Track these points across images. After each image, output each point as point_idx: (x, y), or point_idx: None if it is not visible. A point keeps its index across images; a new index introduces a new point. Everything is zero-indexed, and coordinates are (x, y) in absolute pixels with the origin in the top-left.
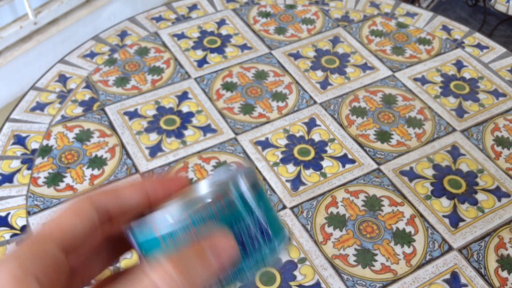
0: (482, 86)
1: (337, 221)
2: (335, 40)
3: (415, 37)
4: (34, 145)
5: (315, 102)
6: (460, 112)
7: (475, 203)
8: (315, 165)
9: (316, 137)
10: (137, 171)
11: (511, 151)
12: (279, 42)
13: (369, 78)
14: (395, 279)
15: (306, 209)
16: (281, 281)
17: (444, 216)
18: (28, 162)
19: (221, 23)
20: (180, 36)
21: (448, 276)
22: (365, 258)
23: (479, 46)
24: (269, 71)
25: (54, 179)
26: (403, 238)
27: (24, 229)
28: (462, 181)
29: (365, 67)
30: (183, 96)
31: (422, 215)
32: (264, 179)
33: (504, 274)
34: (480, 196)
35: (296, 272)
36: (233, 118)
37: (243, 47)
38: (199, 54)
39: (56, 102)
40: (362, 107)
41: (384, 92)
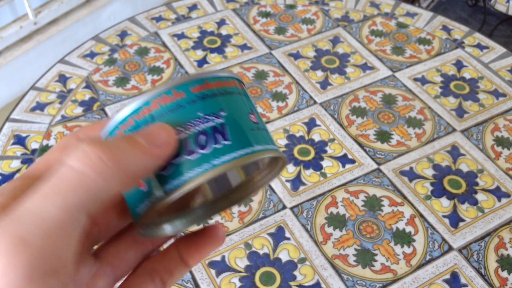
0: (482, 86)
1: (337, 221)
2: (335, 40)
3: (415, 37)
4: (34, 145)
5: (315, 102)
6: (460, 112)
7: (475, 203)
8: (315, 165)
9: (316, 137)
10: None
11: (511, 151)
12: (279, 42)
13: (369, 78)
14: (395, 279)
15: (306, 209)
16: (281, 281)
17: (444, 216)
18: (28, 162)
19: (221, 23)
20: (180, 36)
21: (448, 276)
22: (365, 258)
23: (479, 46)
24: (269, 71)
25: None
26: (403, 238)
27: None
28: (462, 181)
29: (365, 67)
30: None
31: (422, 215)
32: None
33: (504, 274)
34: (480, 196)
35: (296, 272)
36: None
37: (243, 47)
38: (199, 54)
39: (56, 102)
40: (362, 107)
41: (384, 92)
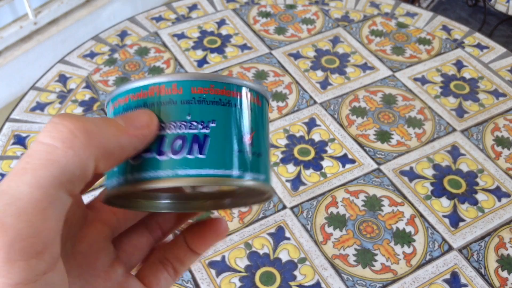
0: (482, 86)
1: (337, 221)
2: (335, 40)
3: (415, 37)
4: None
5: (315, 102)
6: (460, 112)
7: (475, 203)
8: (315, 165)
9: (316, 137)
10: None
11: (511, 151)
12: (279, 42)
13: (369, 78)
14: (395, 279)
15: (306, 209)
16: (281, 281)
17: (444, 216)
18: None
19: (221, 23)
20: (180, 36)
21: (448, 276)
22: (365, 258)
23: (479, 46)
24: (269, 71)
25: None
26: (403, 238)
27: None
28: (462, 181)
29: (365, 67)
30: None
31: (422, 215)
32: None
33: (504, 274)
34: (480, 196)
35: (296, 272)
36: None
37: (243, 47)
38: (199, 54)
39: (56, 102)
40: (362, 107)
41: (384, 92)
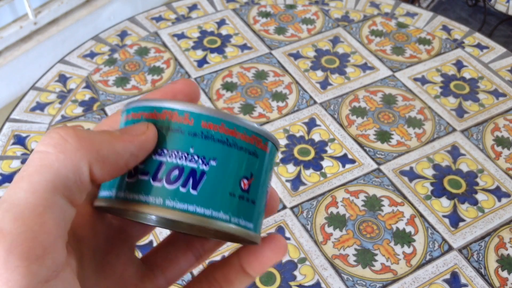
0: (482, 86)
1: (337, 221)
2: (335, 40)
3: (415, 37)
4: (34, 145)
5: (315, 102)
6: (460, 112)
7: (475, 203)
8: (315, 165)
9: (316, 137)
10: None
11: (511, 151)
12: (279, 42)
13: (369, 78)
14: (395, 279)
15: (306, 209)
16: (281, 281)
17: (444, 216)
18: None
19: (221, 23)
20: (180, 36)
21: (448, 276)
22: (365, 258)
23: (479, 46)
24: (269, 71)
25: None
26: (403, 238)
27: None
28: (462, 181)
29: (365, 67)
30: None
31: (422, 215)
32: None
33: (504, 274)
34: (480, 196)
35: (296, 272)
36: None
37: (243, 47)
38: (199, 54)
39: (56, 102)
40: (362, 107)
41: (384, 92)
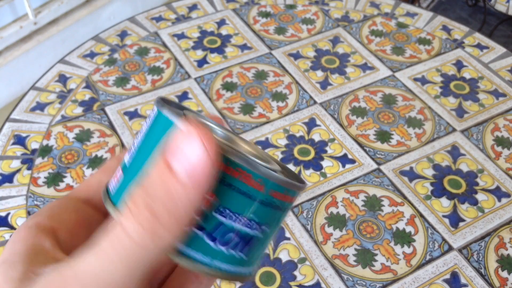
0: (482, 86)
1: (337, 221)
2: (335, 40)
3: (415, 37)
4: (34, 145)
5: (315, 102)
6: (460, 112)
7: (475, 203)
8: (315, 165)
9: (316, 137)
10: None
11: (511, 151)
12: (279, 42)
13: (369, 78)
14: (395, 279)
15: (306, 209)
16: (281, 281)
17: (444, 216)
18: (28, 162)
19: (221, 23)
20: (180, 36)
21: (448, 276)
22: (365, 258)
23: (479, 46)
24: (269, 71)
25: (54, 179)
26: (403, 238)
27: None
28: (462, 181)
29: (365, 67)
30: (183, 96)
31: (422, 215)
32: None
33: (504, 274)
34: (480, 196)
35: (296, 272)
36: (233, 118)
37: (243, 47)
38: (199, 54)
39: (56, 102)
40: (362, 107)
41: (384, 92)
